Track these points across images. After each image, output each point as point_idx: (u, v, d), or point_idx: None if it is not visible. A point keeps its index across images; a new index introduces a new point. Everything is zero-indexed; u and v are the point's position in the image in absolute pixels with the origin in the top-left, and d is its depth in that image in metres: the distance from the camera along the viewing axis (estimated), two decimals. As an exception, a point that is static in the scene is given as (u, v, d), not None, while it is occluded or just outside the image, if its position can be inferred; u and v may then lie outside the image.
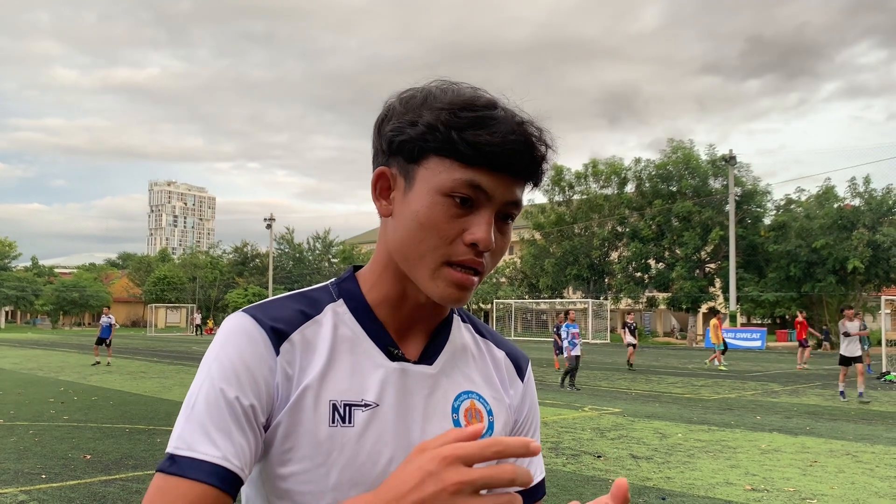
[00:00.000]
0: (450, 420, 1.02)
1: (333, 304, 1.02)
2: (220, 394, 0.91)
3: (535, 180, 0.98)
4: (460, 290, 0.95)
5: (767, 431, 10.41)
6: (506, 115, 0.94)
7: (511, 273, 62.61)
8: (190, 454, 0.88)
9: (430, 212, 0.94)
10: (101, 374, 18.75)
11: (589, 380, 18.85)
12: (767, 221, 45.64)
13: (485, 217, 0.94)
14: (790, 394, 15.77)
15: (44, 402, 12.95)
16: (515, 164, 0.94)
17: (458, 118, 0.93)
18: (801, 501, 6.50)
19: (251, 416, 0.92)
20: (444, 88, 0.97)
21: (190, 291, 77.28)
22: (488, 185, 0.93)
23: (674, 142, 48.52)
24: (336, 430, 0.94)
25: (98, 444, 8.88)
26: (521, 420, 1.12)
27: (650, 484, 7.10)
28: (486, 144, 0.92)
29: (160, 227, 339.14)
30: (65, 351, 30.34)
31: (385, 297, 1.03)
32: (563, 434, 9.99)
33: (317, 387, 0.95)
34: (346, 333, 1.00)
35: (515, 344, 1.19)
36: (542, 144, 0.96)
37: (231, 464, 0.89)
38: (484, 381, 1.09)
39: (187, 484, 0.87)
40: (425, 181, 0.95)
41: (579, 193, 54.11)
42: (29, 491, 6.55)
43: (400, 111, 0.98)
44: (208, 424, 0.90)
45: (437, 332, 1.07)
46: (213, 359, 0.94)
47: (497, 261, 0.99)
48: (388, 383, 0.99)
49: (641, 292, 50.60)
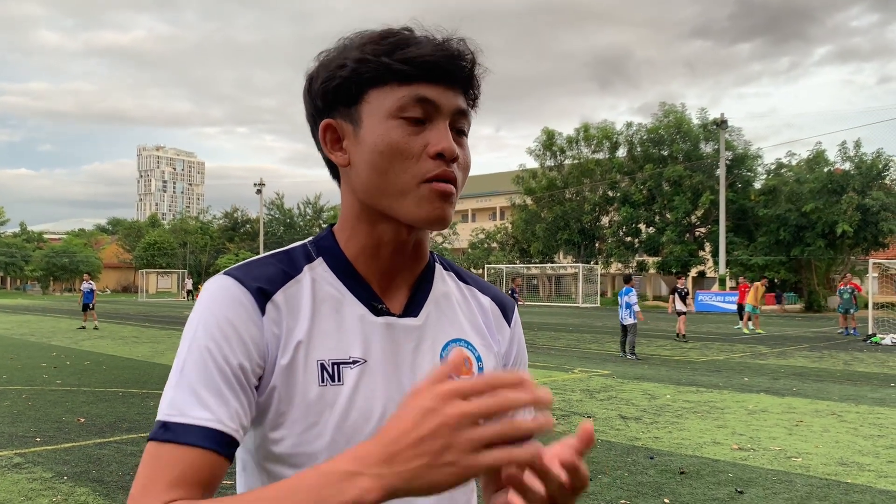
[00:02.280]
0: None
1: (312, 262, 1.01)
2: (208, 356, 0.89)
3: (471, 89, 0.99)
4: (444, 202, 0.95)
5: (755, 392, 10.56)
6: (426, 35, 0.96)
7: (502, 238, 62.68)
8: (183, 420, 0.86)
9: (388, 137, 0.94)
10: (93, 340, 18.78)
11: (579, 343, 19.02)
12: (758, 186, 45.71)
13: (440, 127, 0.95)
14: (778, 356, 15.96)
15: (36, 366, 12.98)
16: (450, 72, 0.95)
17: (382, 45, 0.94)
18: (786, 460, 6.62)
19: (242, 377, 0.90)
20: (359, 32, 0.99)
21: (180, 257, 77.07)
22: (433, 95, 0.94)
23: (665, 106, 48.32)
24: (326, 389, 0.94)
25: (91, 407, 8.94)
26: (510, 364, 1.14)
27: (639, 444, 7.21)
28: (417, 57, 0.93)
29: (149, 192, 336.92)
30: (56, 316, 30.32)
31: (363, 247, 1.02)
32: (554, 395, 10.09)
33: (304, 347, 0.95)
34: (329, 291, 0.99)
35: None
36: (468, 52, 0.97)
37: (226, 426, 0.87)
38: (471, 327, 1.09)
39: (182, 450, 0.84)
40: (372, 114, 0.95)
41: (570, 158, 53.97)
42: (24, 454, 6.60)
43: (324, 67, 0.99)
44: (199, 388, 0.88)
45: (420, 283, 1.06)
46: (197, 322, 0.92)
47: (465, 177, 0.99)
48: (375, 339, 0.99)
49: (632, 257, 50.78)
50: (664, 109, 48.09)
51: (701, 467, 6.32)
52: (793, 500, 5.42)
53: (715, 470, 6.24)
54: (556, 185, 53.27)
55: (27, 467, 6.12)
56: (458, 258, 67.77)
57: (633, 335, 15.10)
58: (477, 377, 0.73)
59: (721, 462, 6.52)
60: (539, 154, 54.97)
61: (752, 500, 5.41)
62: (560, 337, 20.96)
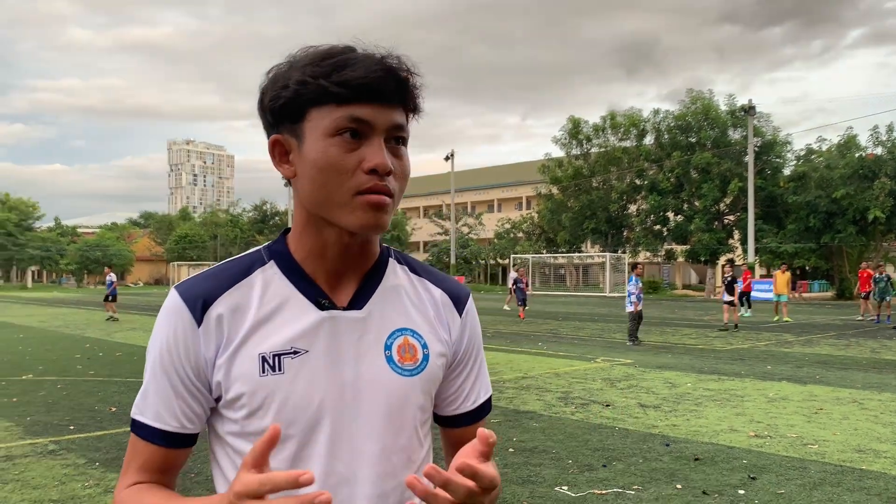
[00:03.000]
0: (383, 357, 1.13)
1: (264, 266, 1.13)
2: (158, 364, 1.09)
3: (407, 102, 1.08)
4: (377, 211, 1.05)
5: (776, 380, 10.55)
6: (365, 54, 1.04)
7: (528, 228, 62.56)
8: (139, 418, 1.11)
9: (325, 155, 1.04)
10: (125, 331, 19.22)
11: (603, 332, 19.04)
12: (787, 172, 45.11)
13: (375, 144, 1.04)
14: (803, 344, 15.87)
15: (71, 358, 13.36)
16: (384, 92, 1.04)
17: (321, 67, 1.03)
18: (802, 447, 6.66)
19: (187, 381, 1.09)
20: (305, 50, 1.07)
21: (211, 249, 78.08)
22: (367, 115, 1.03)
23: (693, 92, 47.78)
24: (267, 378, 1.07)
25: (123, 397, 9.21)
26: (462, 351, 1.23)
27: (655, 431, 7.29)
28: (352, 80, 1.02)
29: (180, 185, 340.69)
30: (89, 309, 30.98)
31: (310, 250, 1.12)
32: (574, 384, 10.20)
33: (247, 344, 1.08)
34: (277, 291, 1.11)
35: (456, 281, 1.29)
36: (402, 70, 1.06)
37: (169, 425, 1.09)
38: (420, 317, 1.19)
39: (141, 442, 1.10)
40: (313, 132, 1.05)
41: (597, 146, 53.63)
42: (58, 441, 6.86)
43: (271, 84, 1.07)
44: (151, 391, 1.10)
45: (369, 277, 1.16)
46: (152, 336, 1.11)
47: (403, 184, 1.09)
48: (319, 331, 1.10)
49: (660, 245, 50.43)
50: (691, 96, 47.59)
51: (716, 454, 6.39)
52: (805, 486, 5.48)
53: (730, 456, 6.30)
54: (582, 174, 53.01)
55: (61, 454, 6.38)
56: (484, 249, 67.81)
57: (631, 322, 15.69)
58: (260, 478, 0.86)
59: (736, 449, 6.58)
60: (565, 143, 54.71)
61: (764, 485, 5.48)
62: (585, 326, 20.99)
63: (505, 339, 16.78)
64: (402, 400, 1.13)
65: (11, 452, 6.43)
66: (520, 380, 10.65)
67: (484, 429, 0.94)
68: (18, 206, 79.92)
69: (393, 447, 1.12)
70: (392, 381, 1.13)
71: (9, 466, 5.96)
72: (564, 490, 5.36)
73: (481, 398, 1.26)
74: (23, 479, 5.59)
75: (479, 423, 1.26)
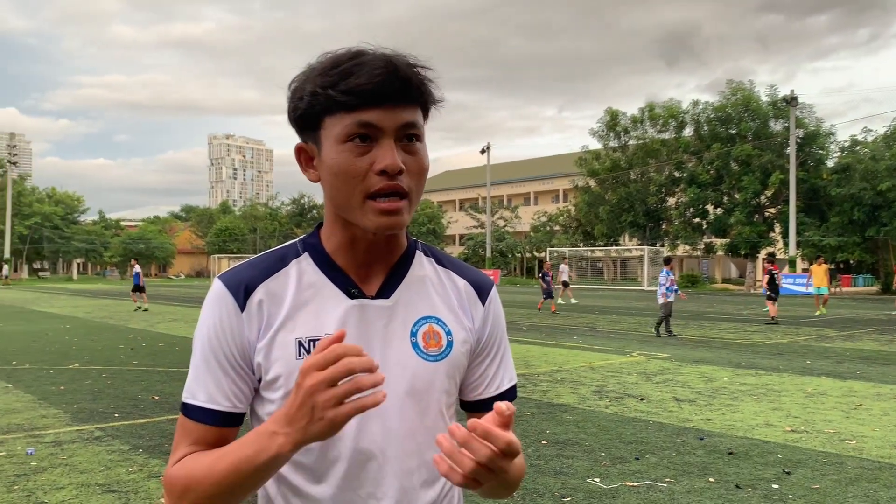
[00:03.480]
0: (408, 343, 1.20)
1: (298, 258, 1.22)
2: (208, 348, 1.17)
3: (416, 100, 1.13)
4: (389, 215, 1.11)
5: (815, 376, 10.41)
6: (373, 57, 1.09)
7: (565, 221, 62.26)
8: (191, 401, 1.18)
9: (338, 160, 1.11)
10: (166, 322, 19.63)
11: (640, 326, 18.92)
12: (830, 164, 44.20)
13: (385, 145, 1.10)
14: (845, 339, 15.60)
15: (115, 348, 13.71)
16: (389, 94, 1.09)
17: (329, 77, 1.09)
18: (839, 442, 6.60)
19: (234, 363, 1.17)
20: (320, 58, 1.13)
21: (251, 242, 79.12)
22: (375, 118, 1.09)
23: (733, 83, 47.07)
24: (302, 361, 1.13)
25: (165, 386, 9.46)
26: (485, 339, 1.30)
27: (690, 425, 7.27)
28: (356, 87, 1.07)
29: (220, 179, 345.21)
30: (133, 301, 31.63)
31: (340, 243, 1.20)
32: (609, 378, 10.19)
33: (284, 329, 1.17)
34: (310, 281, 1.20)
35: (480, 272, 1.36)
36: (409, 68, 1.11)
37: (219, 405, 1.16)
38: (444, 306, 1.26)
39: (193, 424, 1.17)
40: (328, 139, 1.12)
41: (635, 138, 53.12)
42: (104, 428, 7.09)
43: (292, 95, 1.15)
44: (202, 376, 1.17)
45: (397, 268, 1.24)
46: (199, 322, 1.20)
47: (420, 179, 1.15)
48: (349, 318, 1.18)
49: (699, 238, 49.83)
50: (732, 87, 46.87)
51: (750, 448, 6.36)
52: (841, 481, 5.43)
53: (764, 451, 6.27)
54: (620, 167, 52.56)
55: (106, 440, 6.59)
56: (520, 242, 67.62)
57: (663, 313, 16.13)
58: (328, 350, 0.95)
59: (771, 444, 6.54)
60: (602, 135, 54.32)
61: (799, 480, 5.45)
62: (621, 321, 20.88)
63: (540, 333, 16.78)
64: (427, 383, 1.21)
65: (60, 438, 6.66)
66: (554, 373, 10.67)
67: (501, 402, 0.99)
68: (65, 200, 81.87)
69: (419, 427, 1.20)
70: (417, 366, 1.20)
71: (58, 451, 6.19)
72: (596, 482, 5.39)
73: (504, 385, 1.32)
74: (71, 464, 5.80)
75: None
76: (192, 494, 1.09)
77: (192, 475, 1.10)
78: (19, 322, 20.08)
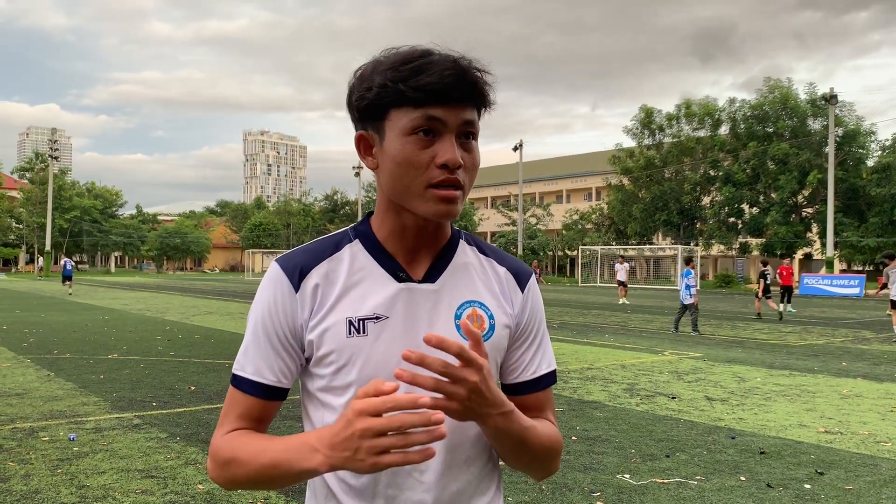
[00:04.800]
0: (453, 325, 1.27)
1: (351, 243, 1.30)
2: (259, 328, 1.26)
3: (477, 101, 1.21)
4: (447, 203, 1.19)
5: (851, 377, 10.28)
6: (440, 58, 1.17)
7: (598, 219, 61.87)
8: (240, 373, 1.26)
9: (402, 151, 1.17)
10: (202, 315, 19.95)
11: (672, 325, 18.77)
12: (871, 163, 43.37)
13: (447, 141, 1.17)
14: (883, 341, 15.34)
15: (152, 339, 13.99)
16: (456, 93, 1.16)
17: (400, 72, 1.16)
18: (874, 444, 6.52)
19: (284, 341, 1.25)
20: (387, 53, 1.21)
21: (284, 237, 79.92)
22: (440, 114, 1.16)
23: (770, 81, 46.40)
24: (353, 339, 1.23)
25: (201, 377, 9.64)
26: (524, 324, 1.36)
27: (722, 424, 7.24)
28: (427, 85, 1.15)
29: (255, 175, 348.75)
30: (169, 293, 32.20)
31: (390, 231, 1.28)
32: (640, 376, 10.16)
33: (336, 309, 1.24)
34: (361, 265, 1.27)
35: (520, 261, 1.42)
36: (474, 70, 1.18)
37: (265, 378, 1.25)
38: (486, 291, 1.33)
39: (240, 395, 1.26)
40: (392, 130, 1.19)
41: (670, 136, 52.61)
42: (142, 416, 7.27)
43: (358, 84, 1.22)
44: (252, 350, 1.26)
45: (442, 255, 1.31)
46: (255, 301, 1.29)
47: (473, 174, 1.23)
48: (397, 300, 1.25)
49: (734, 238, 49.23)
50: (769, 85, 46.20)
51: (783, 448, 6.32)
52: (875, 482, 5.39)
53: (797, 451, 6.22)
54: (654, 165, 52.11)
55: (145, 428, 6.76)
56: (552, 240, 67.35)
57: (694, 313, 16.43)
58: (382, 398, 1.00)
59: (805, 444, 6.49)
60: (637, 133, 53.91)
61: (832, 481, 5.41)
62: (654, 319, 20.74)
63: (571, 331, 16.75)
64: None
65: (100, 425, 6.85)
66: (585, 370, 10.67)
67: (464, 322, 1.13)
68: (103, 195, 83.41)
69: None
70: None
71: (98, 438, 6.36)
72: (626, 478, 5.41)
73: (542, 370, 1.37)
74: (111, 450, 5.96)
75: (540, 393, 1.37)
76: (233, 469, 1.20)
77: (237, 455, 1.19)
78: (60, 313, 20.56)
